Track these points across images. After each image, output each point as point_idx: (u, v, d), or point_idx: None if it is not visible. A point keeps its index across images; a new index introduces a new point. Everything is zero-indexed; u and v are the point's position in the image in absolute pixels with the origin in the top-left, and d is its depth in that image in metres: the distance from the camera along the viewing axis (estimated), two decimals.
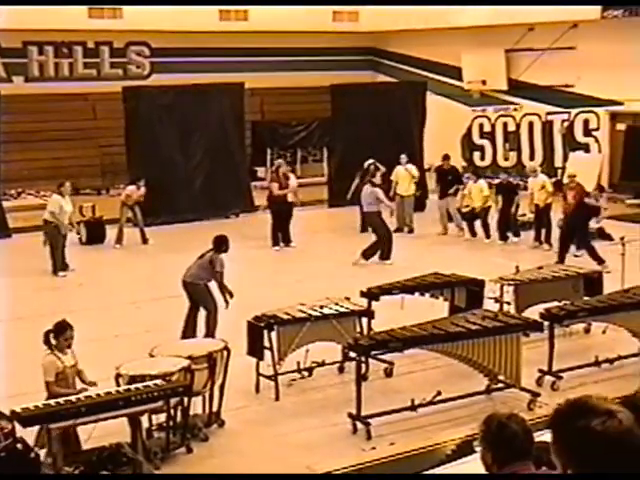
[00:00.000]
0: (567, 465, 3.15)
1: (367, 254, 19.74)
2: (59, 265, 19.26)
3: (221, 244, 13.86)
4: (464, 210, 22.07)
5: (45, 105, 28.99)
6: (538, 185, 20.79)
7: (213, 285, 13.88)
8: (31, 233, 21.85)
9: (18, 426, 8.73)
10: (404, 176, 23.01)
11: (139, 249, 21.86)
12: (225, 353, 11.05)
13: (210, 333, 13.64)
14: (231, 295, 13.77)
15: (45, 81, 29.87)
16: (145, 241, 22.22)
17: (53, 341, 9.95)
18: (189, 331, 13.79)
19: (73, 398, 9.24)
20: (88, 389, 9.78)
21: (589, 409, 3.15)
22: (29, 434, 8.99)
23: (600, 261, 18.15)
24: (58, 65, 30.30)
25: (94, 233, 22.41)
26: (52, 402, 9.12)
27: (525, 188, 22.87)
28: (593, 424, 3.09)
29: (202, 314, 13.97)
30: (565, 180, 20.41)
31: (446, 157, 23.84)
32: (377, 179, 21.28)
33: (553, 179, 21.86)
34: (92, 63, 30.75)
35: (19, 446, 8.41)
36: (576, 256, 19.27)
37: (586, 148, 29.39)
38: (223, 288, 13.76)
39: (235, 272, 15.12)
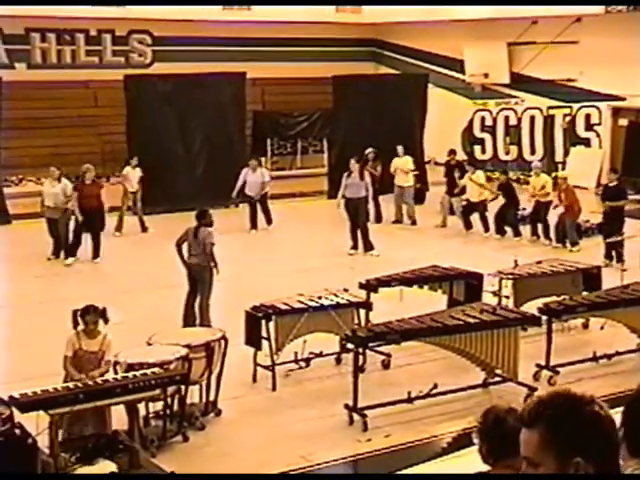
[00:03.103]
0: (567, 458, 2.82)
1: (368, 244, 19.69)
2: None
3: (206, 217, 14.06)
4: (463, 204, 22.09)
5: (47, 92, 28.92)
6: (539, 184, 20.89)
7: None
8: (31, 220, 21.82)
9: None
10: (402, 167, 23.00)
11: (139, 237, 21.85)
12: (223, 342, 11.06)
13: (204, 320, 13.66)
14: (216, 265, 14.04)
15: (47, 68, 29.77)
16: (145, 229, 22.23)
17: (80, 322, 10.02)
18: (190, 318, 13.80)
19: (71, 385, 9.27)
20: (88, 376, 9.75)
21: (574, 396, 2.93)
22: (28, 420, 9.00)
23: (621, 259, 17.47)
24: (60, 52, 30.21)
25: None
26: (50, 388, 9.14)
27: (526, 182, 22.90)
28: (594, 409, 2.86)
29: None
30: (558, 182, 20.49)
31: (452, 152, 23.92)
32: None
33: (553, 174, 21.91)
34: (94, 51, 30.68)
35: (17, 432, 8.42)
36: (571, 251, 19.44)
37: (587, 143, 29.40)
38: (214, 259, 13.97)
39: (233, 261, 15.13)
